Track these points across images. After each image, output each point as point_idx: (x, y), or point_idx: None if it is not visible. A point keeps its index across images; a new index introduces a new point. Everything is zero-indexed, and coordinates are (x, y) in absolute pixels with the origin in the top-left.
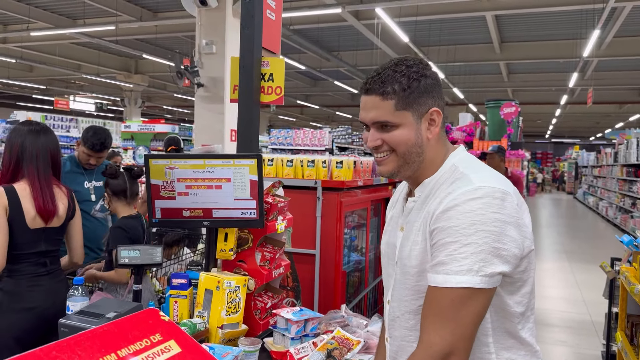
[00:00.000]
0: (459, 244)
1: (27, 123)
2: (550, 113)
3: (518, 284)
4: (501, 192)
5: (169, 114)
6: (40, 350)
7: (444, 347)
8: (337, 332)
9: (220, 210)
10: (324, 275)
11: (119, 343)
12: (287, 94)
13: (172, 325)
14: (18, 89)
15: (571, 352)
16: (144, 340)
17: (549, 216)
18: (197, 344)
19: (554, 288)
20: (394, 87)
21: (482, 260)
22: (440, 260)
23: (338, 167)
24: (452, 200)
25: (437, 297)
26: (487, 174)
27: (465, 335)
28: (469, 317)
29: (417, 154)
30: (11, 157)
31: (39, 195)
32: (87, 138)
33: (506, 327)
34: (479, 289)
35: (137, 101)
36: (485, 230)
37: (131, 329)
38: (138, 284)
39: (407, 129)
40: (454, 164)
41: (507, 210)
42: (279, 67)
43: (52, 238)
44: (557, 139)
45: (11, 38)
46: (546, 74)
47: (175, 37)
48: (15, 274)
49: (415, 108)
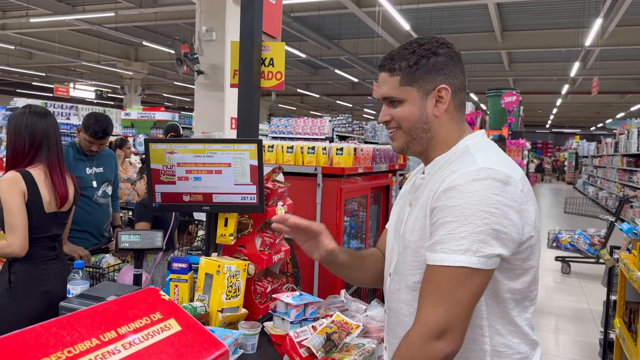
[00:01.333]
0: (458, 223)
1: (34, 107)
2: (551, 103)
3: (517, 271)
4: (505, 175)
5: (169, 102)
6: (40, 327)
7: (439, 324)
8: (336, 317)
9: (221, 195)
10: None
11: (119, 321)
12: (288, 83)
13: (172, 304)
14: (18, 76)
15: (569, 340)
16: (143, 319)
17: (549, 206)
18: (197, 323)
19: (552, 277)
20: (401, 64)
21: (481, 241)
22: (438, 239)
23: (338, 154)
24: (455, 180)
25: (435, 275)
26: (496, 158)
27: (461, 313)
28: (465, 296)
29: (423, 130)
30: (32, 142)
31: (60, 180)
32: (88, 125)
33: (501, 313)
34: (476, 269)
35: (137, 89)
36: (485, 211)
37: (131, 307)
38: (139, 268)
39: (411, 105)
40: (468, 145)
41: (510, 194)
42: (279, 51)
43: (60, 222)
44: (557, 129)
45: (10, 24)
46: (548, 63)
47: (175, 24)
48: (29, 258)
49: (420, 84)
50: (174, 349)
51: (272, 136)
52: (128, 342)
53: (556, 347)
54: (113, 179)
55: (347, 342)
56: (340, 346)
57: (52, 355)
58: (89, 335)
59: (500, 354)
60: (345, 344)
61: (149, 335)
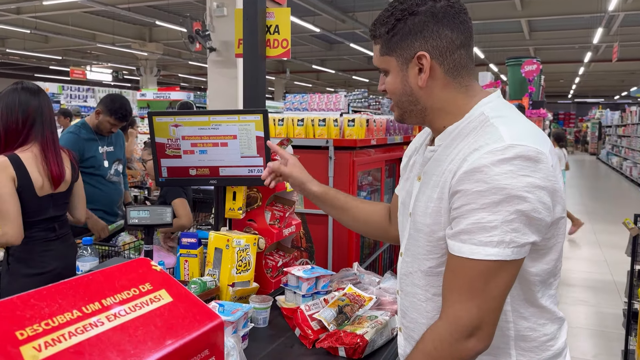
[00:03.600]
0: (487, 212)
1: (26, 84)
2: (573, 72)
3: (543, 251)
4: (536, 151)
5: (185, 82)
6: (17, 298)
7: (471, 321)
8: (348, 289)
9: (227, 169)
10: (337, 236)
11: (105, 292)
12: (303, 59)
13: (164, 274)
14: (35, 60)
15: (592, 311)
16: (132, 290)
17: (571, 177)
18: (190, 294)
19: (575, 249)
20: (381, 29)
21: (514, 230)
22: (465, 228)
23: (350, 126)
24: (479, 160)
25: (463, 268)
26: (522, 129)
27: (493, 308)
28: (497, 290)
29: (410, 102)
30: (25, 119)
31: (54, 160)
32: (114, 109)
33: (526, 296)
34: (509, 261)
35: (152, 70)
36: (517, 197)
37: (119, 278)
38: (149, 244)
39: (393, 75)
40: (484, 112)
41: (542, 172)
42: (284, 18)
43: (59, 203)
44: (580, 99)
45: (25, 8)
46: (569, 30)
47: (187, 2)
48: (26, 240)
49: (398, 53)
50: (163, 321)
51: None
52: (113, 314)
53: (579, 319)
54: (122, 157)
55: (359, 314)
56: (353, 319)
57: (28, 328)
58: (70, 307)
59: (525, 338)
60: (357, 317)
61: (136, 307)
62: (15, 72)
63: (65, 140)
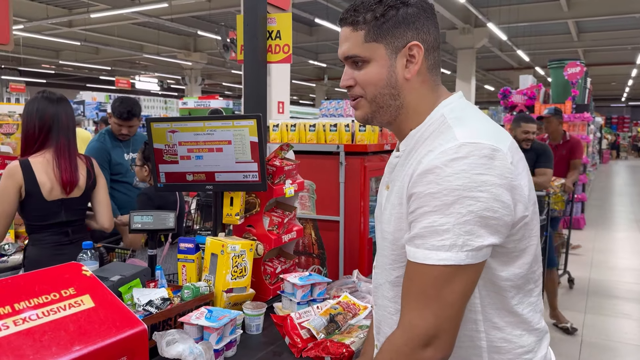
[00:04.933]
0: (439, 214)
1: (48, 92)
2: (625, 74)
3: (514, 254)
4: (489, 148)
5: (229, 90)
6: None
7: (427, 329)
8: (343, 297)
9: (223, 174)
10: (349, 242)
11: (20, 295)
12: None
13: (93, 280)
14: (87, 71)
15: (637, 326)
16: (51, 294)
17: (622, 184)
18: (117, 300)
19: (622, 259)
20: (366, 16)
21: (467, 233)
22: (418, 232)
23: (361, 131)
24: (432, 161)
25: (418, 274)
26: (477, 127)
27: (450, 316)
28: (453, 296)
29: (391, 95)
30: (41, 126)
31: (67, 166)
32: (114, 108)
33: (499, 304)
34: (464, 266)
35: (197, 79)
36: (469, 197)
37: (40, 282)
38: (153, 249)
39: (378, 65)
40: (443, 114)
41: (497, 170)
42: (286, 23)
43: (72, 208)
44: (634, 102)
45: (76, 21)
46: (620, 31)
47: (228, 12)
48: (38, 243)
49: (388, 40)
50: (76, 327)
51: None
52: (22, 318)
53: (621, 334)
54: None
55: (352, 323)
56: (345, 328)
57: None
58: None
59: (499, 349)
60: (349, 325)
61: (51, 312)
62: (68, 83)
63: (90, 149)
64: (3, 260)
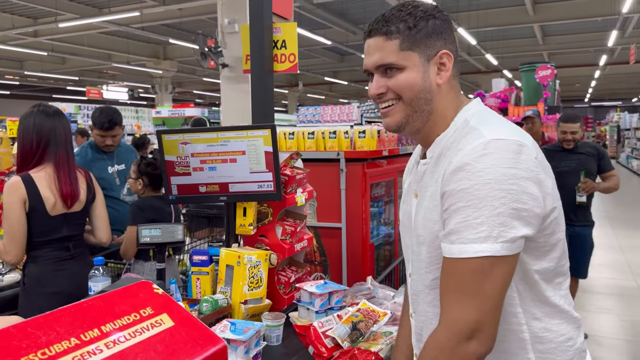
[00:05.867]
0: (472, 208)
1: (42, 106)
2: (589, 76)
3: (545, 248)
4: (516, 143)
5: (200, 98)
6: (14, 327)
7: (469, 323)
8: (362, 305)
9: (237, 184)
10: (351, 249)
11: (104, 318)
12: (315, 71)
13: (166, 298)
14: (53, 81)
15: (617, 320)
16: (132, 315)
17: None
18: (193, 318)
19: (597, 255)
20: (399, 25)
21: (501, 225)
22: (453, 228)
23: (361, 137)
24: (462, 158)
25: (455, 269)
26: (500, 126)
27: (491, 308)
28: (493, 289)
29: (426, 100)
30: (39, 140)
31: (67, 180)
32: (95, 119)
33: (535, 295)
34: (500, 257)
35: (167, 87)
36: (501, 190)
37: (119, 303)
38: (161, 262)
39: (413, 71)
40: (466, 118)
41: (525, 164)
42: (291, 33)
43: (73, 223)
44: (597, 103)
45: (42, 31)
46: (584, 34)
47: (199, 19)
48: (39, 259)
49: (422, 49)
50: (164, 346)
51: (300, 126)
52: (112, 341)
53: (603, 328)
54: None
55: (374, 330)
56: (367, 335)
57: (24, 358)
58: (68, 335)
59: (541, 339)
60: (372, 333)
61: (136, 333)
62: (33, 94)
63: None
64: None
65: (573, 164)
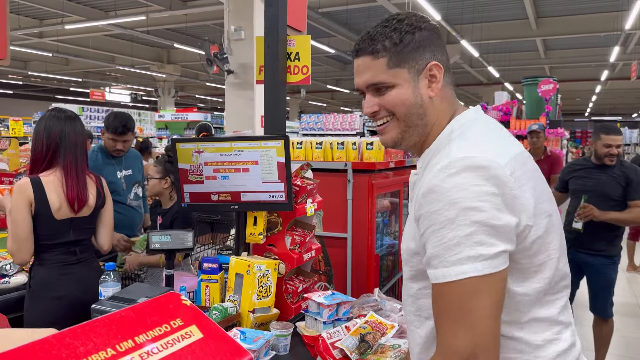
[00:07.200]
0: (446, 230)
1: (58, 110)
2: (589, 90)
3: (531, 269)
4: (484, 160)
5: (202, 102)
6: (53, 337)
7: (464, 348)
8: (370, 317)
9: (249, 194)
10: (356, 259)
11: (137, 329)
12: (317, 79)
13: (194, 309)
14: (56, 82)
15: (615, 335)
16: (163, 326)
17: None
18: (220, 329)
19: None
20: (385, 43)
21: (478, 243)
22: (432, 252)
23: (368, 149)
24: (431, 180)
25: (442, 294)
26: (477, 140)
27: (486, 330)
28: (483, 310)
29: (419, 115)
30: (49, 144)
31: (74, 184)
32: (109, 123)
33: (512, 317)
34: (485, 276)
35: (170, 91)
36: (471, 208)
37: (150, 314)
38: (170, 268)
39: (403, 87)
40: (453, 129)
41: (494, 180)
42: (305, 45)
43: (81, 227)
44: (597, 117)
45: (47, 32)
46: (585, 49)
47: (205, 25)
48: (46, 262)
49: (410, 64)
50: (195, 358)
51: (302, 133)
52: (146, 352)
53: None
54: (141, 180)
55: (382, 343)
56: (375, 347)
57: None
58: (105, 345)
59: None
60: (380, 345)
61: (168, 344)
62: (36, 94)
63: None
64: (4, 281)
65: (589, 183)
